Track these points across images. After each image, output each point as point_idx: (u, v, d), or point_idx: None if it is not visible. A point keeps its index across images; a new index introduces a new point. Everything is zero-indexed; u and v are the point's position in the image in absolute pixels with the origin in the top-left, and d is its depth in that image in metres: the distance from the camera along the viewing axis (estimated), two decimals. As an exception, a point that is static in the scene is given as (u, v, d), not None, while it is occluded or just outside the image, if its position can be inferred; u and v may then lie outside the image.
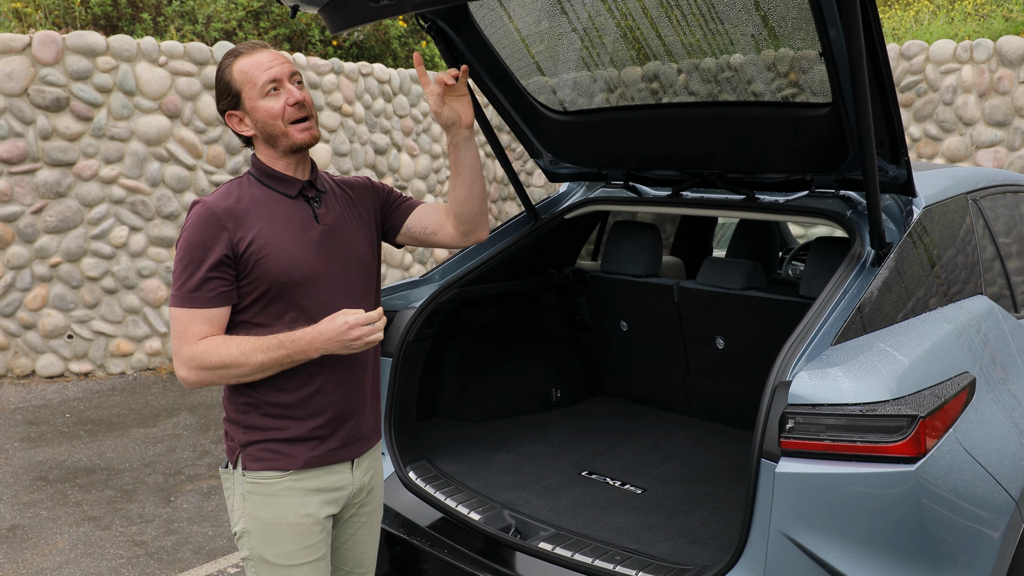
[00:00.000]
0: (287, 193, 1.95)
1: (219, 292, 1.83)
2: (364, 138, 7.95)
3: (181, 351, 1.83)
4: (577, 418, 3.62)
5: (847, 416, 1.91)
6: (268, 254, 1.85)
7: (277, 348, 1.81)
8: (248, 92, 1.88)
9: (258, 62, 1.88)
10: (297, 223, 1.93)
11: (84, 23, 6.98)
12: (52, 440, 5.15)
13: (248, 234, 1.85)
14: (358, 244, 2.03)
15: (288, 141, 1.90)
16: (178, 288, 1.84)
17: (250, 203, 1.89)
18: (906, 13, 9.94)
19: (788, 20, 2.32)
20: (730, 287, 3.24)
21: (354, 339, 1.80)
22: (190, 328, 1.82)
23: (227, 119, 1.94)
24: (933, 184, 2.80)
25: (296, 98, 1.88)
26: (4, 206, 6.03)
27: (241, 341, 1.83)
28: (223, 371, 1.82)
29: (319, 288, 1.91)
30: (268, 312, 1.89)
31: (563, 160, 3.22)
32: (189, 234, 1.85)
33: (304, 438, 1.92)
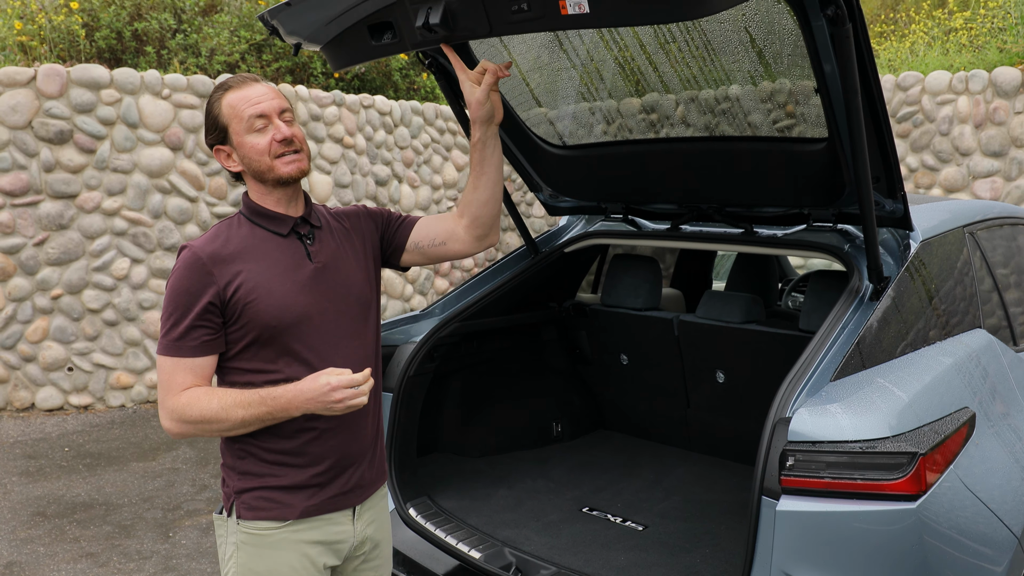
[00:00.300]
0: (278, 232, 1.88)
1: (203, 341, 1.78)
2: (365, 169, 8.00)
3: (165, 401, 1.78)
4: (578, 453, 3.60)
5: (847, 453, 1.91)
6: (256, 297, 1.79)
7: (258, 405, 1.74)
8: (235, 127, 1.83)
9: (246, 96, 1.84)
10: (288, 263, 1.86)
11: (89, 56, 7.06)
12: (51, 474, 5.12)
13: (236, 278, 1.79)
14: (355, 280, 1.95)
15: (273, 175, 1.84)
16: (163, 336, 1.79)
17: (239, 245, 1.83)
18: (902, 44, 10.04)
19: (784, 56, 2.35)
20: (730, 321, 3.24)
21: (335, 401, 1.71)
22: (174, 378, 1.77)
23: (215, 154, 1.89)
24: (930, 217, 2.81)
25: (283, 134, 1.83)
26: (6, 238, 6.06)
27: (223, 395, 1.76)
28: (204, 425, 1.76)
29: (313, 330, 1.84)
30: (260, 357, 1.82)
31: (563, 194, 3.24)
32: (175, 280, 1.80)
33: (302, 486, 1.85)
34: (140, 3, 7.48)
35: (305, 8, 2.06)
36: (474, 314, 3.15)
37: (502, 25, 1.86)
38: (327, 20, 2.10)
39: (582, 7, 1.70)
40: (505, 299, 3.28)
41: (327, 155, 7.61)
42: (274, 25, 2.16)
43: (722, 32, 2.32)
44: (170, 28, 7.50)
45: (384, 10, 2.02)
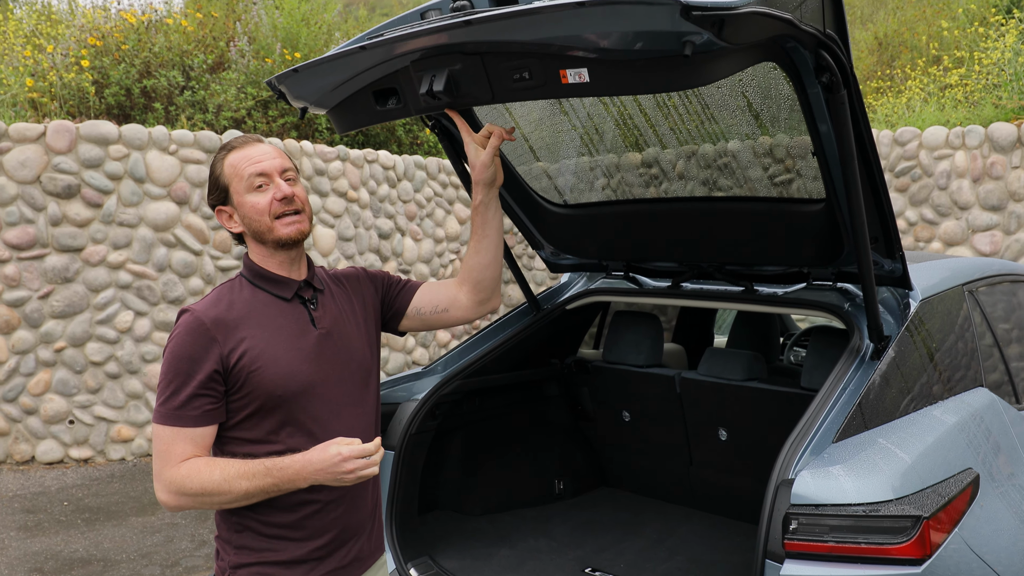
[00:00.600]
0: (282, 296, 1.85)
1: (205, 410, 1.71)
2: (369, 223, 8.07)
3: (162, 473, 1.70)
4: (580, 511, 3.57)
5: (850, 517, 1.90)
6: (261, 366, 1.74)
7: (264, 476, 1.68)
8: (236, 186, 1.81)
9: (248, 155, 1.82)
10: (292, 329, 1.82)
11: (98, 112, 7.18)
12: (49, 529, 5.07)
13: (240, 345, 1.74)
14: (357, 347, 1.92)
15: (273, 236, 1.81)
16: (162, 404, 1.72)
17: (242, 309, 1.79)
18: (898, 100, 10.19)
19: (780, 119, 2.40)
20: (731, 378, 3.24)
21: (346, 472, 1.66)
22: (173, 448, 1.70)
23: (217, 215, 1.86)
24: (929, 276, 2.83)
25: (284, 192, 1.80)
26: (11, 291, 6.09)
27: (225, 466, 1.69)
28: (204, 498, 1.69)
29: (316, 399, 1.80)
30: (262, 427, 1.76)
31: (564, 252, 3.27)
32: (175, 345, 1.73)
33: (301, 560, 1.79)
34: (149, 61, 7.64)
35: (311, 75, 2.10)
36: (476, 371, 3.15)
37: (504, 92, 1.90)
38: (333, 86, 2.15)
39: (582, 77, 1.74)
40: (507, 356, 3.28)
41: (331, 209, 7.69)
42: (281, 90, 2.20)
43: (720, 96, 2.37)
44: (178, 85, 7.65)
45: (389, 77, 2.06)
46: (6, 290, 6.08)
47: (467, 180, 2.89)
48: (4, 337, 6.11)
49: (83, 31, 7.82)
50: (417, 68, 1.98)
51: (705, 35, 1.54)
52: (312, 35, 9.06)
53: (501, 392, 3.54)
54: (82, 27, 7.93)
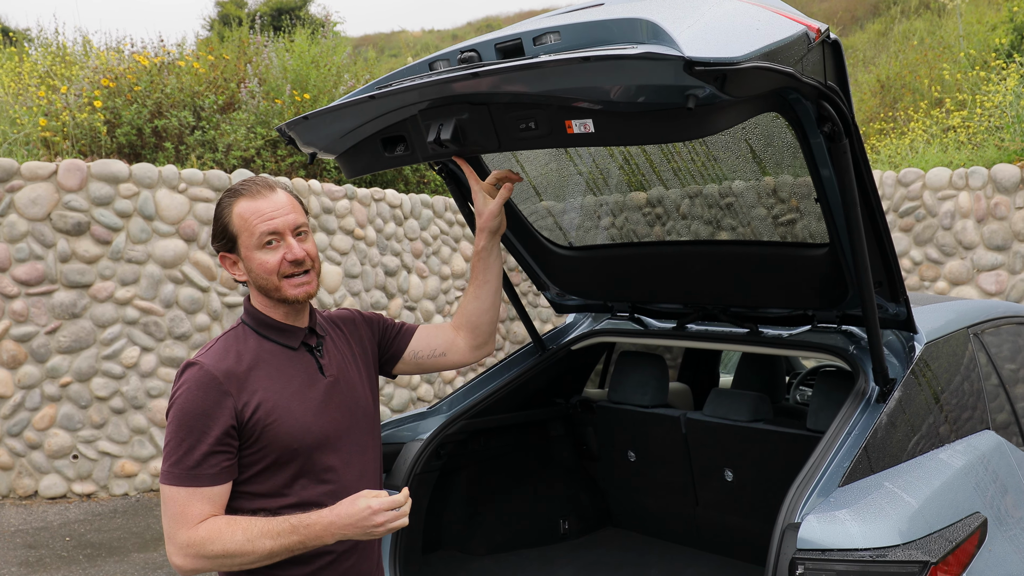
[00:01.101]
0: (289, 345, 1.81)
1: (222, 467, 1.65)
2: (375, 260, 8.12)
3: (177, 535, 1.62)
4: (586, 551, 3.55)
5: (857, 562, 1.89)
6: (276, 419, 1.70)
7: (289, 534, 1.63)
8: (245, 240, 1.76)
9: (259, 210, 1.75)
10: (303, 379, 1.78)
11: (109, 151, 7.28)
12: (50, 565, 5.04)
13: (253, 398, 1.69)
14: (361, 392, 1.91)
15: (279, 295, 1.78)
16: (174, 464, 1.64)
17: (250, 361, 1.73)
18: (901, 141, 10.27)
19: (784, 165, 2.43)
20: (737, 419, 3.24)
21: (376, 525, 1.64)
22: (189, 510, 1.62)
23: (220, 259, 1.82)
24: (934, 319, 2.84)
25: (296, 255, 1.76)
26: (19, 326, 6.13)
27: (248, 525, 1.63)
28: (225, 560, 1.62)
29: (329, 449, 1.78)
30: (275, 480, 1.73)
31: (569, 293, 3.29)
32: (185, 401, 1.66)
33: None
34: (161, 101, 7.75)
35: (321, 122, 2.15)
36: (482, 411, 3.16)
37: (511, 142, 1.93)
38: (342, 133, 2.19)
39: (587, 127, 1.78)
40: (512, 396, 3.29)
41: (338, 246, 7.75)
42: (291, 136, 2.25)
43: (723, 141, 2.41)
44: (189, 125, 7.75)
45: (397, 125, 2.10)
46: (14, 325, 6.12)
47: (472, 220, 2.92)
48: (10, 372, 6.13)
49: (97, 72, 7.96)
50: (425, 117, 2.02)
51: (708, 89, 1.57)
52: (321, 77, 9.20)
53: (506, 432, 3.54)
54: (96, 68, 8.08)
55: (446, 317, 8.88)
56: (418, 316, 8.57)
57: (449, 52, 2.06)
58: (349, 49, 11.74)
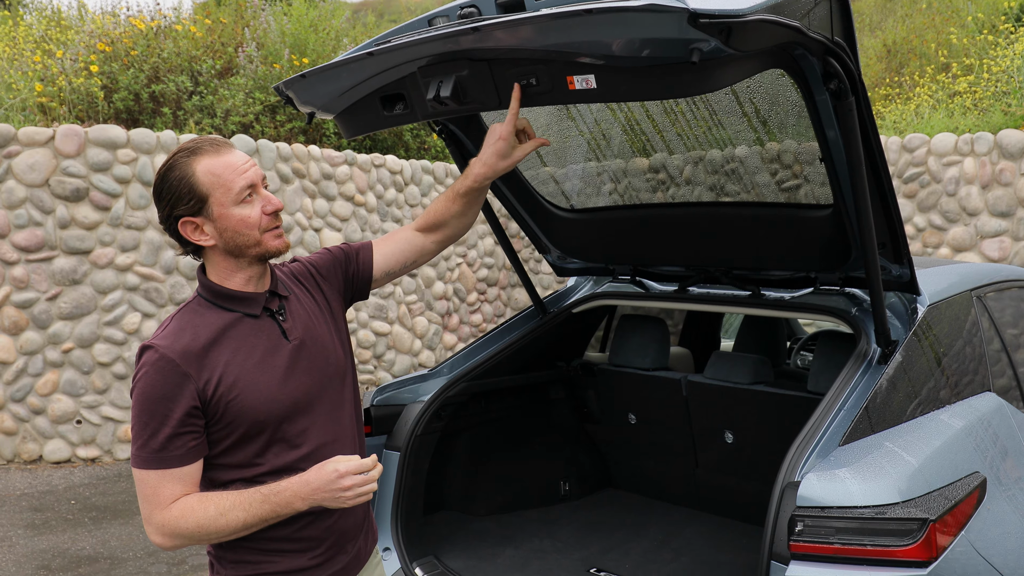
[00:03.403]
0: (250, 313, 1.74)
1: (189, 448, 1.63)
2: (376, 227, 8.09)
3: (152, 517, 1.63)
4: (585, 512, 3.58)
5: (857, 519, 1.90)
6: (239, 393, 1.65)
7: (260, 504, 1.62)
8: (219, 196, 1.66)
9: (231, 164, 1.67)
10: (265, 348, 1.72)
11: (107, 117, 7.22)
12: (56, 527, 5.09)
13: (214, 375, 1.64)
14: (331, 350, 1.85)
15: (260, 249, 1.71)
16: (141, 447, 1.62)
17: (208, 335, 1.67)
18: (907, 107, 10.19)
19: (788, 125, 2.40)
20: (738, 382, 3.25)
21: (344, 489, 1.62)
22: (160, 491, 1.62)
23: (180, 226, 1.67)
24: (937, 281, 2.83)
25: (276, 205, 1.71)
26: (20, 292, 6.13)
27: (219, 500, 1.62)
28: (202, 535, 1.62)
29: (301, 415, 1.74)
30: (248, 450, 1.70)
31: (571, 256, 3.28)
32: (145, 386, 1.62)
33: (300, 569, 1.75)
34: (158, 66, 7.68)
35: (319, 80, 2.12)
36: (482, 373, 3.17)
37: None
38: (340, 92, 2.16)
39: (589, 83, 1.75)
40: (513, 359, 3.29)
41: (338, 213, 7.72)
42: (289, 95, 2.22)
43: (727, 102, 2.38)
44: (187, 90, 7.69)
45: (396, 83, 2.08)
46: (15, 291, 6.12)
47: None
48: (12, 338, 6.14)
49: (92, 37, 7.88)
50: (424, 74, 1.99)
51: (712, 42, 1.55)
52: (320, 41, 9.11)
53: (507, 394, 3.55)
54: (91, 33, 7.99)
55: (448, 284, 8.87)
56: (419, 282, 8.57)
57: (449, 8, 2.03)
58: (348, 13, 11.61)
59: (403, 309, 8.38)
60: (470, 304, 9.28)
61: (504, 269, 9.74)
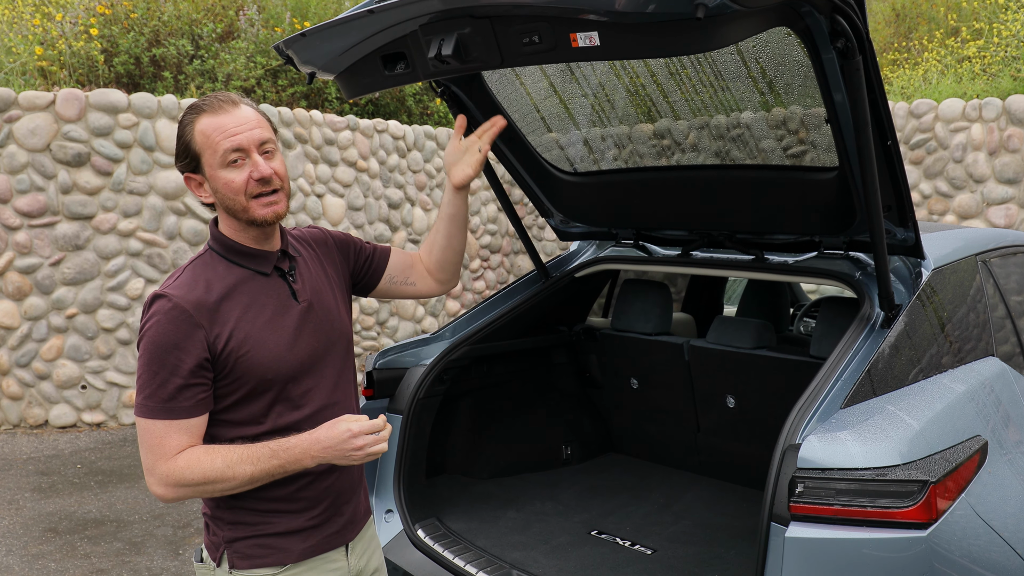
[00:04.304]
0: (260, 271, 1.75)
1: (198, 400, 1.63)
2: (378, 192, 8.06)
3: (156, 467, 1.61)
4: (587, 476, 3.60)
5: (857, 481, 1.91)
6: (249, 350, 1.65)
7: (269, 458, 1.62)
8: (208, 158, 1.66)
9: (222, 125, 1.65)
10: (275, 307, 1.73)
11: (107, 81, 7.17)
12: (63, 491, 5.14)
13: (225, 329, 1.64)
14: (336, 315, 1.86)
15: (247, 217, 1.69)
16: (148, 396, 1.61)
17: (221, 289, 1.68)
18: (915, 72, 10.07)
19: (794, 86, 2.37)
20: (740, 346, 3.24)
21: (355, 449, 1.63)
22: (167, 441, 1.61)
23: (185, 181, 1.72)
24: (942, 246, 2.81)
25: (262, 173, 1.67)
26: (23, 258, 6.13)
27: (227, 453, 1.62)
28: (206, 487, 1.62)
29: (306, 376, 1.75)
30: (252, 408, 1.70)
31: (574, 220, 3.26)
32: (156, 334, 1.60)
33: (298, 530, 1.76)
34: (159, 29, 7.61)
35: (319, 39, 2.09)
36: (484, 337, 3.16)
37: (513, 57, 1.88)
38: (341, 50, 2.13)
39: (592, 40, 1.72)
40: (516, 323, 3.29)
41: (340, 178, 7.68)
42: (289, 55, 2.19)
43: (733, 62, 2.35)
44: (187, 54, 7.62)
45: (397, 41, 2.05)
46: (18, 257, 6.12)
47: None
48: (16, 303, 6.16)
49: (92, -2, 7.79)
50: (426, 32, 1.96)
51: None
52: (322, 3, 9.00)
53: (509, 358, 3.55)
54: (91, -6, 7.89)
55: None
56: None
57: None
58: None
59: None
60: (473, 271, 9.28)
61: (507, 236, 9.72)
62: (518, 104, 2.79)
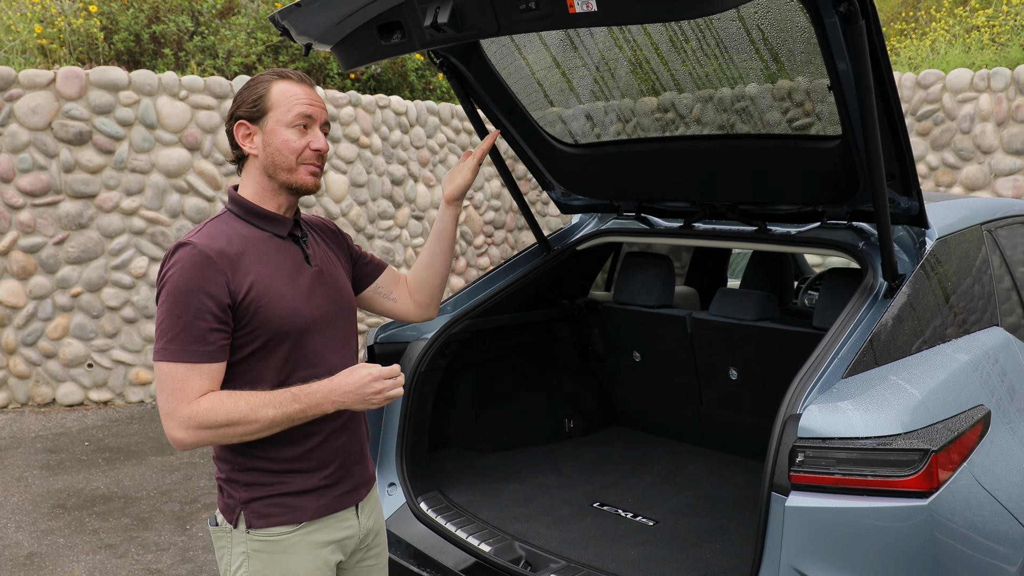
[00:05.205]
0: (278, 233, 1.82)
1: (220, 345, 1.67)
2: (381, 169, 8.03)
3: (177, 411, 1.63)
4: (590, 449, 3.60)
5: (858, 450, 1.90)
6: (268, 302, 1.72)
7: (290, 402, 1.66)
8: (278, 114, 1.77)
9: (303, 93, 1.80)
10: (291, 266, 1.81)
11: (107, 59, 7.13)
12: (71, 468, 5.18)
13: (245, 280, 1.70)
14: (344, 286, 1.94)
15: (293, 177, 1.79)
16: (171, 340, 1.64)
17: (241, 245, 1.74)
18: (922, 42, 9.96)
19: (797, 54, 2.34)
20: (743, 318, 3.23)
21: (375, 392, 1.69)
22: (188, 384, 1.63)
23: (236, 126, 1.79)
24: (947, 215, 2.79)
25: (321, 145, 1.80)
26: (27, 237, 6.13)
27: (249, 396, 1.66)
28: (228, 430, 1.64)
29: (317, 335, 1.80)
30: (265, 363, 1.74)
31: (575, 192, 3.24)
32: (180, 279, 1.65)
33: (312, 489, 1.81)
34: (158, 6, 7.55)
35: (315, 9, 2.07)
36: (486, 311, 3.16)
37: (510, 24, 1.86)
38: (337, 20, 2.11)
39: (590, 6, 1.70)
40: (517, 296, 3.28)
41: (343, 155, 7.65)
42: (285, 26, 2.17)
43: (735, 30, 2.31)
44: (187, 30, 7.57)
45: (393, 10, 2.03)
46: (21, 236, 6.12)
47: (478, 123, 2.86)
48: (21, 283, 6.17)
49: (91, -26, 7.73)
50: (421, 0, 1.95)
51: None
52: (322, -22, 8.90)
53: (511, 332, 3.54)
54: (90, -30, 7.84)
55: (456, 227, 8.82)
56: (425, 225, 8.53)
57: None
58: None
59: (409, 252, 8.36)
60: (477, 247, 9.26)
61: (511, 212, 9.69)
62: (518, 76, 2.76)
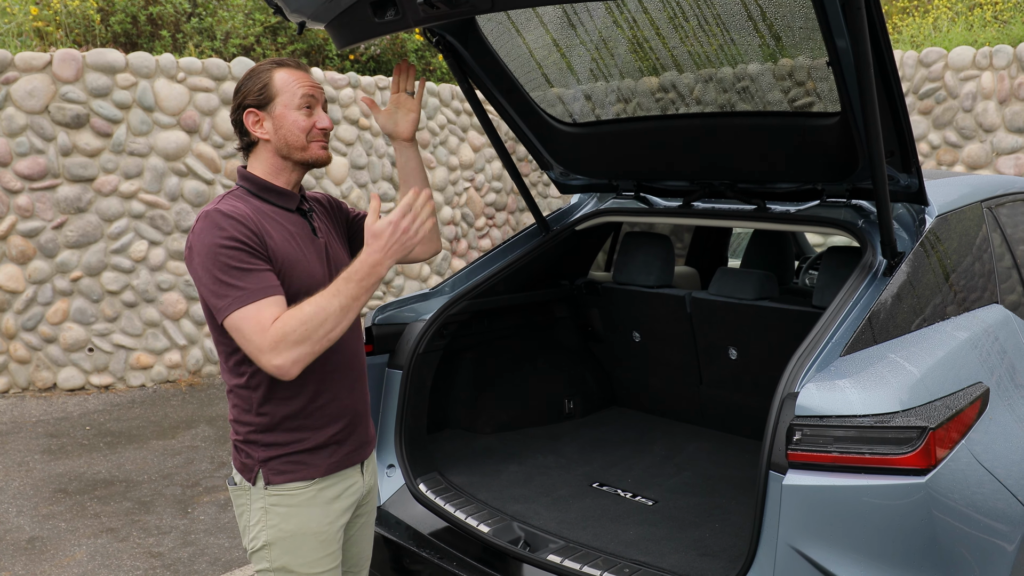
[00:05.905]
0: (287, 207, 1.94)
1: (272, 282, 1.75)
2: (381, 151, 8.00)
3: (263, 343, 1.68)
4: (589, 429, 3.60)
5: (856, 428, 1.89)
6: (289, 266, 1.83)
7: (345, 284, 1.72)
8: (284, 99, 1.88)
9: (303, 78, 1.91)
10: (302, 236, 1.92)
11: (104, 41, 7.09)
12: (72, 452, 5.20)
13: (270, 243, 1.81)
14: (344, 260, 2.02)
15: (306, 154, 1.91)
16: (231, 292, 1.71)
17: (256, 216, 1.84)
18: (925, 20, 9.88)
19: (795, 30, 2.31)
20: (743, 297, 3.22)
21: (407, 234, 1.74)
22: (262, 316, 1.70)
23: (245, 115, 1.89)
24: (947, 193, 2.77)
25: (326, 124, 1.92)
26: (26, 221, 6.12)
27: (308, 301, 1.72)
28: (310, 334, 1.69)
29: None
30: None
31: (573, 172, 3.22)
32: (216, 238, 1.74)
33: (323, 445, 1.93)
34: (155, -14, 7.50)
35: None
36: (485, 292, 3.14)
37: None
38: None
39: None
40: (516, 277, 3.27)
41: (343, 137, 7.62)
42: (278, 3, 2.15)
43: (733, 6, 2.29)
44: (184, 12, 7.52)
45: None
46: (20, 220, 6.11)
47: (475, 103, 2.83)
48: (21, 267, 6.17)
49: (86, -44, 7.67)
50: None
51: None
52: (320, -42, 8.84)
53: (510, 313, 3.54)
54: (85, -48, 7.77)
55: (455, 209, 8.81)
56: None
57: None
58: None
59: (410, 235, 8.34)
60: (478, 229, 9.24)
61: (512, 193, 9.66)
62: (515, 54, 2.74)
